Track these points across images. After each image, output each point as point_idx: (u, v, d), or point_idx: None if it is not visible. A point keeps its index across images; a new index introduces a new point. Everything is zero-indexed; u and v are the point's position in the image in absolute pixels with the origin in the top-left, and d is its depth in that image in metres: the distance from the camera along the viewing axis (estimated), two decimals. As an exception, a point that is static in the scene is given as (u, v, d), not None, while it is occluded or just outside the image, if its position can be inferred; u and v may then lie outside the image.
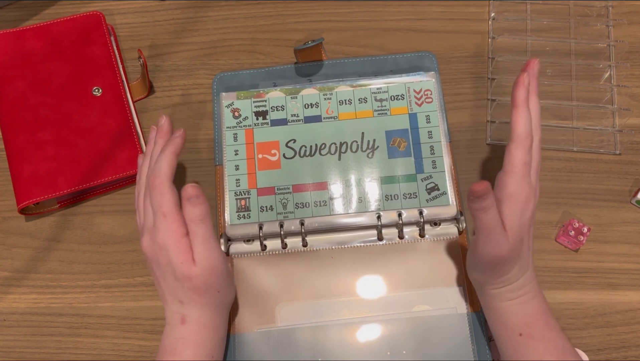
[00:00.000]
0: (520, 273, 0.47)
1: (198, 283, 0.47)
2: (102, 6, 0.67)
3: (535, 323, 0.47)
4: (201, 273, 0.47)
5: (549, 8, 0.65)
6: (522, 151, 0.46)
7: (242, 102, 0.60)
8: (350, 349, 0.53)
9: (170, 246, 0.46)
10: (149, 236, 0.48)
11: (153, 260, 0.48)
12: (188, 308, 0.48)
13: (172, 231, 0.47)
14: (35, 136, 0.59)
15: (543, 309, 0.48)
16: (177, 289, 0.48)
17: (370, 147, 0.58)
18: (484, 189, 0.43)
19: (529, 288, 0.48)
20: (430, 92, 0.59)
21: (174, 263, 0.47)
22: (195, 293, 0.48)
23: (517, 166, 0.46)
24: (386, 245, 0.56)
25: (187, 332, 0.48)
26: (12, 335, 0.56)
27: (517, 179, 0.46)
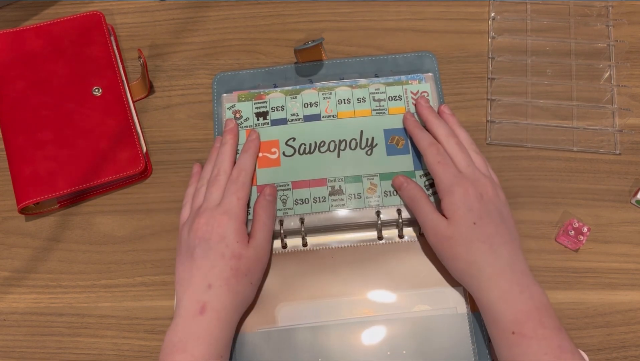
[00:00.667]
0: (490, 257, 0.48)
1: (243, 264, 0.50)
2: (102, 6, 0.67)
3: (527, 321, 0.46)
4: (252, 255, 0.51)
5: (549, 8, 0.65)
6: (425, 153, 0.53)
7: (243, 104, 0.60)
8: (350, 349, 0.53)
9: (233, 226, 0.50)
10: (209, 214, 0.51)
11: (204, 236, 0.50)
12: (214, 294, 0.49)
13: (239, 214, 0.51)
14: (35, 136, 0.59)
15: (536, 306, 0.47)
16: (214, 268, 0.49)
17: (369, 145, 0.58)
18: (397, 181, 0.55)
19: (510, 279, 0.47)
20: (427, 93, 0.60)
21: (230, 240, 0.50)
22: (234, 275, 0.49)
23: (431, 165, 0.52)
24: (386, 245, 0.56)
25: (203, 324, 0.48)
26: (12, 335, 0.56)
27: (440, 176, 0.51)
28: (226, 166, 0.55)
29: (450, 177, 0.51)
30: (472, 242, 0.49)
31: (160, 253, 0.58)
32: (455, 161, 0.52)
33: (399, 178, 0.55)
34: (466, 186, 0.50)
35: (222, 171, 0.55)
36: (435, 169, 0.52)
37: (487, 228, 0.49)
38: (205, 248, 0.50)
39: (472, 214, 0.49)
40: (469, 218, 0.49)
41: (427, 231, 0.52)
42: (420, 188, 0.54)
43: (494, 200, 0.51)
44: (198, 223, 0.51)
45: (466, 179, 0.51)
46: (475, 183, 0.51)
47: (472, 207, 0.49)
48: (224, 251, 0.50)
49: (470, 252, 0.49)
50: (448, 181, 0.51)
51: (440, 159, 0.52)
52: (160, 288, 0.57)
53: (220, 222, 0.50)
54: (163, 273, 0.57)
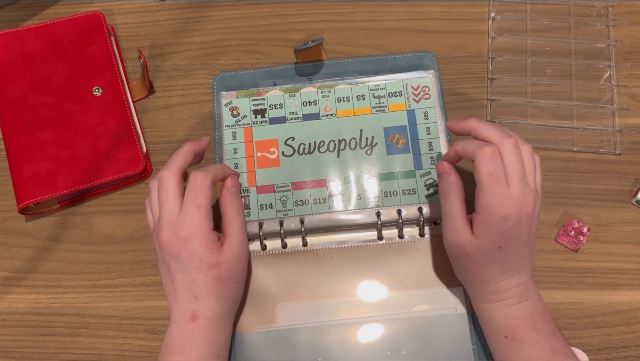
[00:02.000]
0: (499, 277, 0.47)
1: (225, 270, 0.48)
2: (102, 6, 0.67)
3: (520, 326, 0.47)
4: (231, 258, 0.49)
5: (549, 8, 0.65)
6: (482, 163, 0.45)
7: (240, 101, 0.60)
8: (350, 349, 0.53)
9: (200, 238, 0.47)
10: (170, 230, 0.47)
11: (172, 253, 0.47)
12: (202, 304, 0.48)
13: (202, 224, 0.47)
14: (35, 136, 0.59)
15: (530, 313, 0.47)
16: (195, 282, 0.48)
17: (369, 144, 0.58)
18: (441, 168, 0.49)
19: (513, 293, 0.47)
20: (427, 88, 0.59)
21: (201, 254, 0.47)
22: (218, 283, 0.48)
23: (483, 179, 0.45)
24: (386, 245, 0.56)
25: (197, 330, 0.48)
26: (12, 335, 0.56)
27: (485, 193, 0.45)
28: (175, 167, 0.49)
29: (497, 197, 0.45)
30: (488, 263, 0.47)
31: (160, 253, 0.58)
32: (509, 172, 0.45)
33: (443, 165, 0.49)
34: (509, 211, 0.45)
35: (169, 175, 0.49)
36: (484, 182, 0.45)
37: (509, 252, 0.46)
38: (180, 265, 0.48)
39: (502, 238, 0.46)
40: (496, 242, 0.46)
41: (447, 236, 0.49)
42: (460, 184, 0.48)
43: (529, 220, 0.46)
44: (162, 239, 0.48)
45: (511, 202, 0.45)
46: (518, 205, 0.45)
47: (505, 232, 0.45)
48: (199, 265, 0.47)
49: (483, 270, 0.47)
50: (492, 200, 0.45)
51: (492, 169, 0.45)
52: (160, 288, 0.57)
53: (184, 239, 0.47)
54: (163, 273, 0.57)
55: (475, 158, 0.46)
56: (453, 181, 0.48)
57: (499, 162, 0.45)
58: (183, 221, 0.47)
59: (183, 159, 0.50)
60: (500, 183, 0.45)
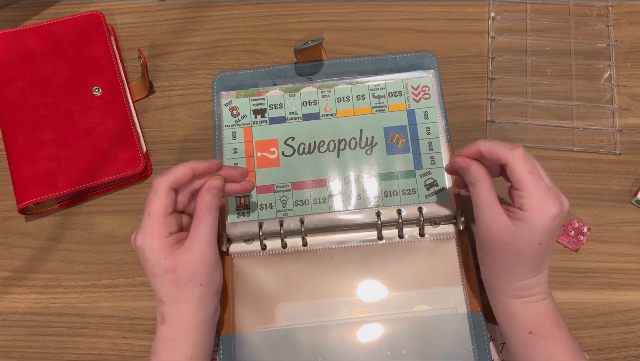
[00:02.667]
0: (533, 272, 0.47)
1: (182, 272, 0.47)
2: (102, 6, 0.67)
3: (545, 323, 0.47)
4: (189, 260, 0.47)
5: (549, 8, 0.65)
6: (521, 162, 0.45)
7: (240, 101, 0.60)
8: (350, 349, 0.53)
9: (151, 245, 0.47)
10: (136, 236, 0.48)
11: (141, 259, 0.48)
12: (167, 307, 0.48)
13: (153, 231, 0.47)
14: (35, 136, 0.59)
15: (553, 310, 0.48)
16: (156, 286, 0.48)
17: (369, 144, 0.58)
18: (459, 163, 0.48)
19: (541, 289, 0.47)
20: (427, 88, 0.59)
21: (153, 259, 0.47)
22: (176, 286, 0.47)
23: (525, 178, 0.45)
24: (386, 245, 0.56)
25: (167, 333, 0.48)
26: (12, 335, 0.56)
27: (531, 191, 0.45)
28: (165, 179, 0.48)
29: (544, 194, 0.44)
30: (525, 257, 0.46)
31: (160, 253, 0.58)
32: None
33: (461, 160, 0.48)
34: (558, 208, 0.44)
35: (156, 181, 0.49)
36: (527, 181, 0.45)
37: (545, 249, 0.46)
38: (145, 270, 0.48)
39: (546, 235, 0.45)
40: (540, 238, 0.45)
41: (483, 223, 0.47)
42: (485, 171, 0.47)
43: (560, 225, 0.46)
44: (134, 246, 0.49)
45: (556, 199, 0.45)
46: (561, 201, 0.45)
47: (550, 229, 0.45)
48: (154, 271, 0.47)
49: (518, 263, 0.46)
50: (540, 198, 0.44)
51: (531, 167, 0.45)
52: (160, 288, 0.57)
53: (139, 247, 0.47)
54: (163, 273, 0.57)
55: (507, 161, 0.45)
56: (476, 169, 0.47)
57: (534, 160, 0.46)
58: (139, 229, 0.48)
59: (176, 173, 0.48)
60: (542, 180, 0.45)
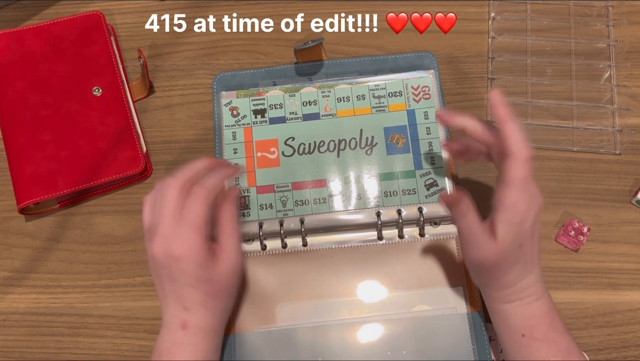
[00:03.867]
0: (520, 276, 0.46)
1: (218, 285, 0.47)
2: (102, 6, 0.67)
3: (538, 325, 0.47)
4: (225, 272, 0.47)
5: (549, 8, 0.65)
6: (522, 166, 0.44)
7: (240, 101, 0.60)
8: (350, 349, 0.53)
9: (193, 259, 0.45)
10: (164, 242, 0.46)
11: (164, 267, 0.46)
12: (192, 314, 0.47)
13: (197, 245, 0.46)
14: (35, 136, 0.59)
15: (547, 310, 0.47)
16: (185, 295, 0.46)
17: (369, 144, 0.58)
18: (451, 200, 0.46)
19: (532, 290, 0.47)
20: (427, 88, 0.59)
21: (194, 272, 0.46)
22: (209, 297, 0.47)
23: (517, 181, 0.44)
24: (386, 245, 0.56)
25: (187, 337, 0.47)
26: (12, 335, 0.56)
27: (516, 193, 0.44)
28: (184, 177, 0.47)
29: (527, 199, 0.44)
30: (512, 265, 0.46)
31: (160, 253, 0.58)
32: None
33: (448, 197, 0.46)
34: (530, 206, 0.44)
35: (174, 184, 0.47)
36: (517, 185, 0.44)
37: (528, 248, 0.46)
38: (171, 278, 0.46)
39: (524, 235, 0.45)
40: (519, 239, 0.45)
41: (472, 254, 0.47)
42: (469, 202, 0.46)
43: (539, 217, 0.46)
44: (154, 251, 0.46)
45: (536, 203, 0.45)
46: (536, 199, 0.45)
47: (527, 228, 0.45)
48: (190, 281, 0.46)
49: (507, 273, 0.46)
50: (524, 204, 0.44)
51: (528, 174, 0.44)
52: (160, 288, 0.57)
53: (176, 257, 0.45)
54: (163, 273, 0.57)
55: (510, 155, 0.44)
56: (465, 202, 0.46)
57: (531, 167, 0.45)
58: (176, 238, 0.46)
59: (193, 171, 0.48)
60: (530, 185, 0.44)
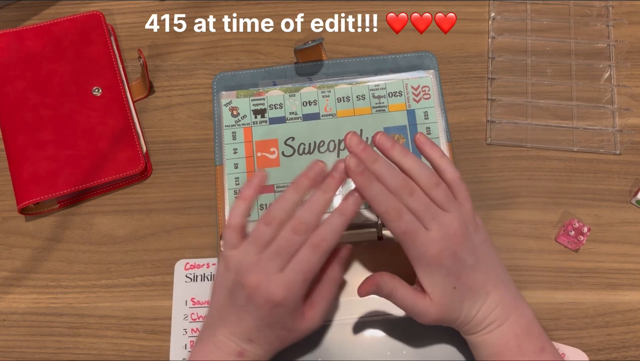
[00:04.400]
0: (473, 309, 0.46)
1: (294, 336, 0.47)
2: (102, 6, 0.67)
3: (503, 352, 0.46)
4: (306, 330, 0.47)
5: (549, 8, 0.65)
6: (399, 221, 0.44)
7: (240, 101, 0.60)
8: (350, 349, 0.53)
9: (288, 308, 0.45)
10: (265, 278, 0.44)
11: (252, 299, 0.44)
12: (254, 348, 0.46)
13: (298, 294, 0.45)
14: (35, 136, 0.59)
15: (514, 335, 0.46)
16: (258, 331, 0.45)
17: (369, 144, 0.58)
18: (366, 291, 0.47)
19: (492, 318, 0.46)
20: (427, 88, 0.59)
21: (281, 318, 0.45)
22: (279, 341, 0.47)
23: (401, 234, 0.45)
24: (386, 245, 0.56)
25: None
26: (12, 335, 0.56)
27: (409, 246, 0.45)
28: (312, 223, 0.45)
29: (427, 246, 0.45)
30: (457, 308, 0.46)
31: (160, 253, 0.58)
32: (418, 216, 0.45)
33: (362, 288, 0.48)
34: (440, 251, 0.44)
35: (303, 230, 0.45)
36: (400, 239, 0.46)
37: (465, 284, 0.45)
38: (253, 310, 0.45)
39: (449, 279, 0.45)
40: (448, 287, 0.45)
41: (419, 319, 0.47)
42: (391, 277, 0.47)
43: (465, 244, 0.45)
44: (248, 279, 0.44)
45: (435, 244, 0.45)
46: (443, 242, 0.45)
47: (449, 272, 0.45)
48: (273, 324, 0.45)
49: (457, 315, 0.46)
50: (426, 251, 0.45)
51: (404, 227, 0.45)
52: (160, 288, 0.57)
53: (274, 301, 0.44)
54: (163, 273, 0.57)
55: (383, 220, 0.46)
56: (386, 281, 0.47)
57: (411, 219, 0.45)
58: (282, 280, 0.44)
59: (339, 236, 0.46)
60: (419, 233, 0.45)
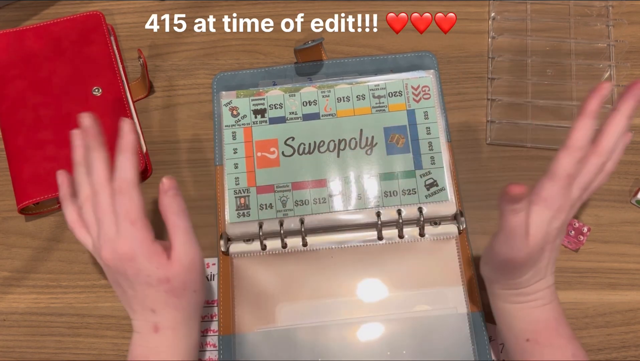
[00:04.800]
0: (533, 279, 0.46)
1: (177, 283, 0.46)
2: (102, 6, 0.67)
3: (544, 330, 0.46)
4: (180, 271, 0.46)
5: (549, 8, 0.65)
6: (568, 160, 0.43)
7: (240, 101, 0.60)
8: (350, 349, 0.53)
9: (142, 254, 0.45)
10: (111, 248, 0.45)
11: (118, 271, 0.46)
12: (161, 316, 0.46)
13: (142, 239, 0.45)
14: (35, 136, 0.59)
15: (554, 316, 0.46)
16: (148, 297, 0.46)
17: (369, 144, 0.58)
18: (520, 194, 0.41)
19: (541, 295, 0.46)
20: (427, 88, 0.59)
21: (148, 270, 0.45)
22: (172, 296, 0.46)
23: (559, 174, 0.43)
24: (386, 245, 0.56)
25: (160, 341, 0.47)
26: (12, 335, 0.56)
27: (555, 187, 0.43)
28: (102, 179, 0.46)
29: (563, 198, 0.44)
30: (530, 267, 0.45)
31: (160, 253, 0.58)
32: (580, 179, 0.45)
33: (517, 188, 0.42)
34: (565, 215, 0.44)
35: (100, 190, 0.46)
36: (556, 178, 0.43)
37: (547, 253, 0.45)
38: (128, 282, 0.46)
39: (549, 237, 0.44)
40: (544, 240, 0.44)
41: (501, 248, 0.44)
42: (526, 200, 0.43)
43: (565, 225, 0.46)
44: (105, 257, 0.45)
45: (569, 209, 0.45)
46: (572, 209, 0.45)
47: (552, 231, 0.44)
48: (148, 281, 0.45)
49: (523, 273, 0.45)
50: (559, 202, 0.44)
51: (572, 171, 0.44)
52: (160, 288, 0.57)
53: (126, 256, 0.45)
54: (163, 273, 0.57)
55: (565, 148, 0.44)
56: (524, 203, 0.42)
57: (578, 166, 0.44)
58: (121, 239, 0.45)
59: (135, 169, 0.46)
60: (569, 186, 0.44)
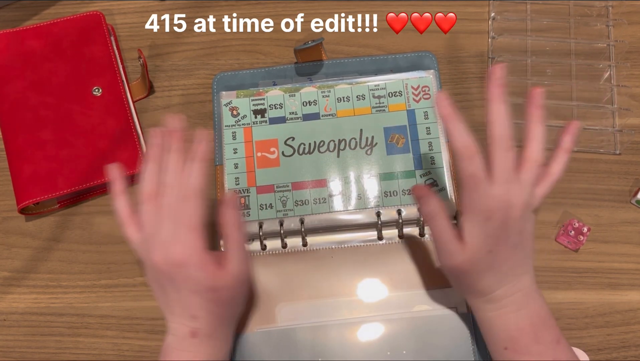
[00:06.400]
0: (495, 284, 0.45)
1: (225, 294, 0.46)
2: (102, 6, 0.67)
3: (520, 337, 0.45)
4: (231, 283, 0.46)
5: (549, 8, 0.65)
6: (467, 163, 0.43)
7: (240, 101, 0.60)
8: (350, 349, 0.53)
9: (195, 262, 0.44)
10: (163, 251, 0.45)
11: (166, 275, 0.45)
12: (202, 322, 0.46)
13: (196, 247, 0.45)
14: (35, 136, 0.59)
15: (531, 322, 0.45)
16: (193, 303, 0.45)
17: (369, 144, 0.58)
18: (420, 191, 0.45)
19: (510, 301, 0.46)
20: (427, 88, 0.59)
21: (198, 278, 0.45)
22: (217, 305, 0.46)
23: (466, 176, 0.44)
24: (386, 245, 0.56)
25: (198, 345, 0.46)
26: (12, 335, 0.56)
27: (468, 190, 0.44)
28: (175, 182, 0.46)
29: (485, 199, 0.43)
30: (483, 272, 0.45)
31: (160, 253, 0.58)
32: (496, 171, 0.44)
33: (420, 189, 0.47)
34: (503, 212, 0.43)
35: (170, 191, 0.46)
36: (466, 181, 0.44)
37: (500, 256, 0.44)
38: (174, 286, 0.45)
39: (489, 241, 0.44)
40: (486, 245, 0.44)
41: (443, 259, 0.47)
42: (441, 203, 0.46)
43: (518, 220, 0.44)
44: (153, 260, 0.45)
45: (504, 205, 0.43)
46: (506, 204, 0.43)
47: (492, 234, 0.44)
48: (196, 288, 0.45)
49: (480, 281, 0.46)
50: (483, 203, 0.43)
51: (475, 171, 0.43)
52: (160, 288, 0.57)
53: (178, 261, 0.44)
54: (163, 273, 0.57)
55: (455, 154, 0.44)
56: (435, 202, 0.46)
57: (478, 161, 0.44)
58: (177, 244, 0.45)
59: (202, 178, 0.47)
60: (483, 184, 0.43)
